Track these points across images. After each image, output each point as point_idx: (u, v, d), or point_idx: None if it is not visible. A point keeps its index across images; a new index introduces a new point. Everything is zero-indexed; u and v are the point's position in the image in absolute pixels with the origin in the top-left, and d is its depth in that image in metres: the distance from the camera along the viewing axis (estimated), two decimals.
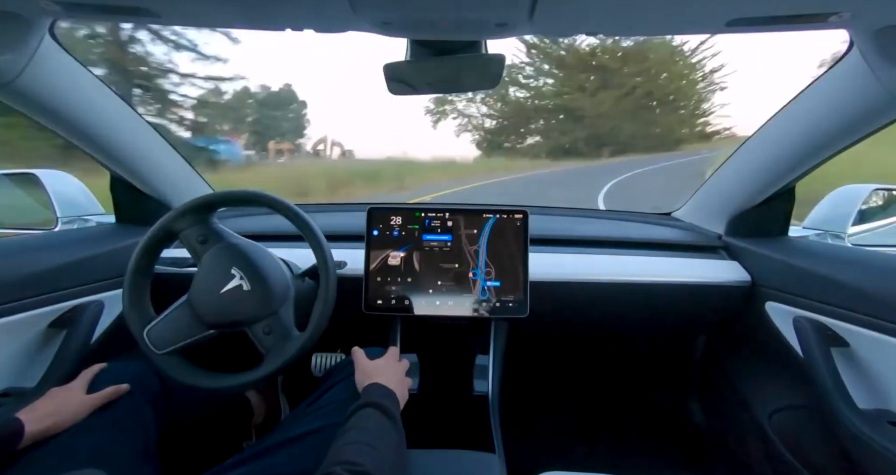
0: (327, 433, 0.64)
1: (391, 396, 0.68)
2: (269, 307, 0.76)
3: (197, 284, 0.75)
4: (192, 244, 0.78)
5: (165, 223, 0.77)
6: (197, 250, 0.77)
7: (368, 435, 0.57)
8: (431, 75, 0.74)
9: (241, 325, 0.75)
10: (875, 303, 0.73)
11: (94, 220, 1.21)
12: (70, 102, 0.81)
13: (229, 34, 13.18)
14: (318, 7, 0.55)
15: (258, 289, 0.75)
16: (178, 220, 0.78)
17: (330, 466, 0.50)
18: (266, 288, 0.76)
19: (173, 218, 0.77)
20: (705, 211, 1.17)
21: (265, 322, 0.75)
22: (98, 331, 0.88)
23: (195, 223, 0.78)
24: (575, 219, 1.31)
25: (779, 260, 0.93)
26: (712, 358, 1.24)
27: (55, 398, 0.65)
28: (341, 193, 9.47)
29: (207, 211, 0.81)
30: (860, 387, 0.76)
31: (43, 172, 1.22)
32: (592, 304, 1.06)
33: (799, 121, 0.84)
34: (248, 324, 0.75)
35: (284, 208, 0.80)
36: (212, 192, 1.16)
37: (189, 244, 0.78)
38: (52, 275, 0.81)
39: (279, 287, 0.78)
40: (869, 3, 0.53)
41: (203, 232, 0.78)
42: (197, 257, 0.77)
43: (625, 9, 0.55)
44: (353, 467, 0.50)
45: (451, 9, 0.55)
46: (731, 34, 0.62)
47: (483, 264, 0.95)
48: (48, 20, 0.68)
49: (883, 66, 0.63)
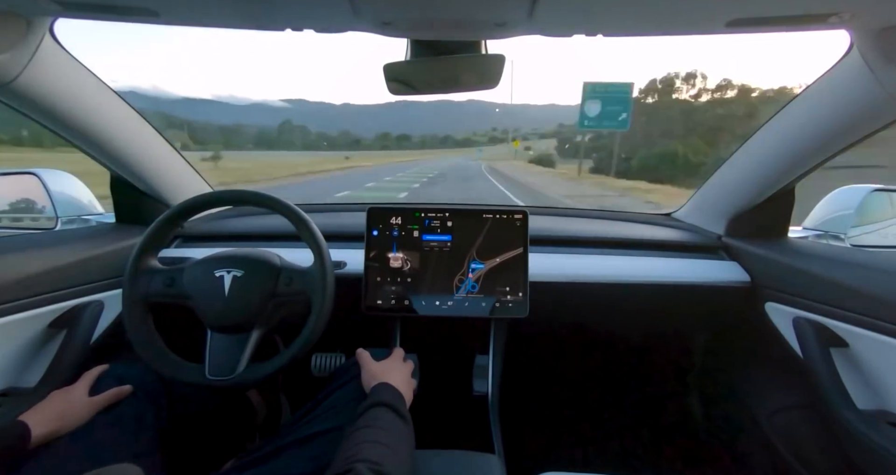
0: (337, 435, 0.64)
1: (401, 397, 0.68)
2: (272, 266, 0.79)
3: (204, 310, 0.76)
4: (167, 293, 0.77)
5: (133, 286, 0.76)
6: (173, 293, 0.77)
7: (384, 435, 0.57)
8: (431, 75, 0.74)
9: (268, 301, 0.77)
10: (874, 303, 0.73)
11: (94, 220, 1.21)
12: (70, 102, 0.81)
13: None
14: (318, 7, 0.55)
15: (249, 265, 0.78)
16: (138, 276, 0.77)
17: (350, 463, 0.50)
18: (253, 258, 0.79)
19: (133, 266, 0.77)
20: (705, 211, 1.17)
21: (280, 279, 0.78)
22: (98, 331, 0.88)
23: (154, 272, 0.78)
24: (575, 219, 1.31)
25: (778, 260, 0.93)
26: (712, 358, 1.24)
27: (59, 400, 0.66)
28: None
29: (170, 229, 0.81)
30: (859, 388, 0.76)
31: (43, 172, 1.22)
32: (592, 305, 1.06)
33: (799, 121, 0.84)
34: (273, 294, 0.77)
35: (283, 208, 0.80)
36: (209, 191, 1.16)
37: (167, 296, 0.77)
38: (52, 275, 0.81)
39: (263, 252, 0.81)
40: (869, 4, 0.53)
41: (166, 277, 0.78)
42: (183, 294, 0.77)
43: (625, 9, 0.55)
44: (375, 467, 0.49)
45: (451, 9, 0.55)
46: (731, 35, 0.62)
47: (483, 264, 0.95)
48: (48, 20, 0.68)
49: (883, 66, 0.63)
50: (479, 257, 0.95)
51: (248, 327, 0.77)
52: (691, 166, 26.65)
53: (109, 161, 0.97)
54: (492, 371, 0.97)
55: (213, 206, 0.81)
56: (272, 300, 0.77)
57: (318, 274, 0.78)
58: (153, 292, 0.77)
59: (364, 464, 0.49)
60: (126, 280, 0.76)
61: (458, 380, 0.98)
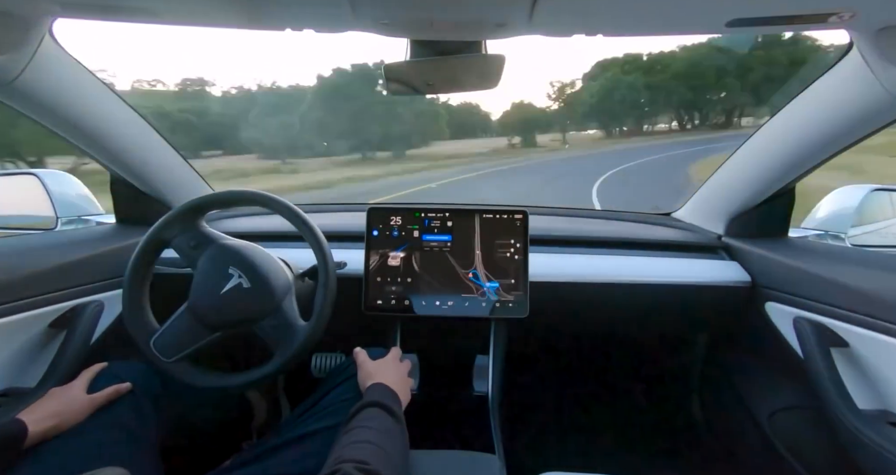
0: (330, 434, 0.64)
1: (394, 396, 0.68)
2: (272, 302, 0.75)
3: (196, 289, 0.75)
4: (185, 250, 0.78)
5: (155, 232, 0.77)
6: (190, 256, 0.77)
7: (375, 435, 0.57)
8: (431, 75, 0.74)
9: (247, 324, 0.75)
10: (875, 303, 0.73)
11: (94, 220, 1.21)
12: (70, 102, 0.81)
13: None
14: (318, 7, 0.55)
15: (259, 286, 0.75)
16: (167, 229, 0.78)
17: (338, 464, 0.50)
18: (266, 283, 0.76)
19: (162, 226, 0.78)
20: (705, 211, 1.17)
21: (270, 317, 0.75)
22: (98, 331, 0.88)
23: (185, 230, 0.78)
24: (575, 219, 1.31)
25: (779, 260, 0.93)
26: (712, 358, 1.24)
27: (56, 398, 0.65)
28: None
29: (198, 214, 0.81)
30: (860, 388, 0.76)
31: (43, 172, 1.22)
32: (592, 305, 1.06)
33: (799, 121, 0.84)
34: (254, 322, 0.75)
35: (284, 208, 0.80)
36: (211, 192, 1.16)
37: (182, 251, 0.78)
38: (52, 275, 0.81)
39: (280, 281, 0.78)
40: (869, 3, 0.53)
41: (194, 237, 0.78)
42: (192, 262, 0.77)
43: (624, 9, 0.55)
44: (362, 465, 0.49)
45: (451, 9, 0.55)
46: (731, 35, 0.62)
47: (482, 264, 0.95)
48: (48, 20, 0.67)
49: (883, 66, 0.63)
50: (478, 257, 0.95)
51: (214, 329, 0.75)
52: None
53: (109, 161, 0.97)
54: (492, 371, 0.97)
55: (216, 207, 0.81)
56: (249, 324, 0.75)
57: (320, 274, 0.77)
58: (177, 244, 0.77)
59: (351, 463, 0.49)
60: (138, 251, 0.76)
61: (458, 380, 0.98)
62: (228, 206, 1.22)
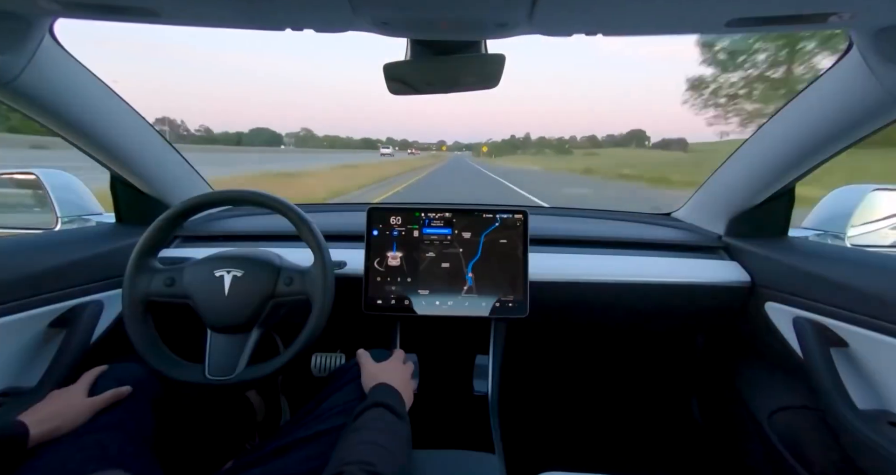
0: (334, 436, 0.64)
1: (399, 397, 0.68)
2: (272, 266, 0.79)
3: (204, 310, 0.76)
4: (167, 292, 0.77)
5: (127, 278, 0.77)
6: (175, 290, 0.77)
7: (380, 435, 0.57)
8: (431, 75, 0.74)
9: (268, 301, 0.77)
10: (874, 303, 0.73)
11: (94, 220, 1.21)
12: (70, 102, 0.81)
13: None
14: (318, 7, 0.55)
15: (250, 265, 0.78)
16: (138, 275, 0.77)
17: (343, 465, 0.50)
18: (254, 258, 0.79)
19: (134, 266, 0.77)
20: (705, 211, 1.17)
21: (279, 279, 0.78)
22: (98, 331, 0.88)
23: (154, 271, 0.79)
24: (574, 219, 1.31)
25: (779, 260, 0.93)
26: (712, 358, 1.24)
27: (57, 401, 0.65)
28: None
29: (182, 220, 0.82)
30: (860, 388, 0.76)
31: (43, 172, 1.22)
32: (592, 305, 1.06)
33: (799, 121, 0.84)
34: (273, 295, 0.77)
35: (283, 208, 0.80)
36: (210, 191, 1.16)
37: (165, 295, 0.78)
38: (52, 275, 0.81)
39: (263, 253, 0.82)
40: (869, 4, 0.53)
41: (165, 277, 0.78)
42: (182, 293, 0.77)
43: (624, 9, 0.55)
44: (367, 467, 0.49)
45: (451, 9, 0.55)
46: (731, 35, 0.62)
47: (483, 264, 0.95)
48: (48, 20, 0.67)
49: (883, 66, 0.63)
50: (479, 257, 0.95)
51: (248, 327, 0.77)
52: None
53: (109, 161, 0.97)
54: (492, 371, 0.97)
55: (214, 206, 0.81)
56: (272, 300, 0.77)
57: (318, 274, 0.78)
58: (153, 292, 0.77)
59: (356, 465, 0.49)
60: (126, 279, 0.76)
61: (458, 380, 0.98)
62: (227, 206, 1.22)
